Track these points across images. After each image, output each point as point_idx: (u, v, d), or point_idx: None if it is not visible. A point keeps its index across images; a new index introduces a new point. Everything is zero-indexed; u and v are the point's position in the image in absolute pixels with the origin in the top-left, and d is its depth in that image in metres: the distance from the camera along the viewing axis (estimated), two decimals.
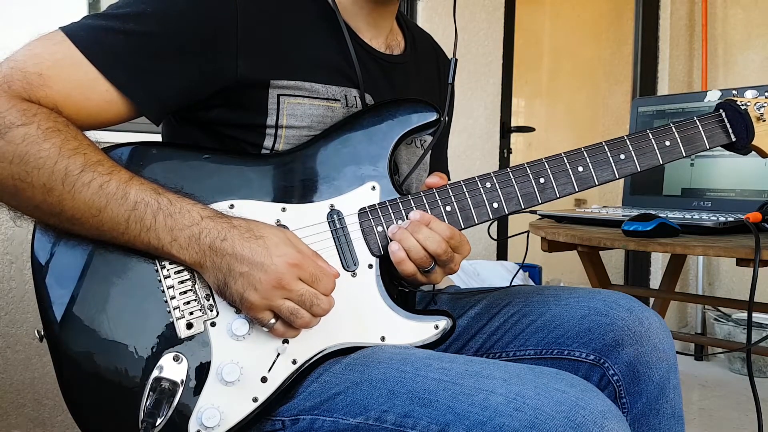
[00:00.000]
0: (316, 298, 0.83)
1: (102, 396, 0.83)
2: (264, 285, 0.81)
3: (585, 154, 0.97)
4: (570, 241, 1.44)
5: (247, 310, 0.83)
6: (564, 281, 3.24)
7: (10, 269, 1.82)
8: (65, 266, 0.84)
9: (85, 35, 0.84)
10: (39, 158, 0.78)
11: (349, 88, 0.98)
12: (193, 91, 0.90)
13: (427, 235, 0.89)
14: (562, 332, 1.00)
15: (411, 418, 0.79)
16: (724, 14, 3.31)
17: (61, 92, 0.82)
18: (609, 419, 0.74)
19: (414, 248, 0.89)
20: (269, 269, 0.81)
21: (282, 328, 0.84)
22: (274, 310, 0.83)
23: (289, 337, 0.86)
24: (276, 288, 0.81)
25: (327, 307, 0.85)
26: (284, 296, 0.82)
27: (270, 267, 0.81)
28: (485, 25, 2.79)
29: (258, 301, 0.82)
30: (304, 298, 0.83)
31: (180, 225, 0.81)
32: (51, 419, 1.88)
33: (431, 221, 0.91)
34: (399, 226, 0.91)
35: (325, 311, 0.85)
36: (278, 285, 0.81)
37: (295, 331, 0.86)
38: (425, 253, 0.89)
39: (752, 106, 1.06)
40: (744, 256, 1.19)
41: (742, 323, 2.99)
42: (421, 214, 0.91)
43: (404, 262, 0.90)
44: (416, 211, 0.92)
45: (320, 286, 0.84)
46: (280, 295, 0.82)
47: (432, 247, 0.89)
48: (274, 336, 0.86)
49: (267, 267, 0.81)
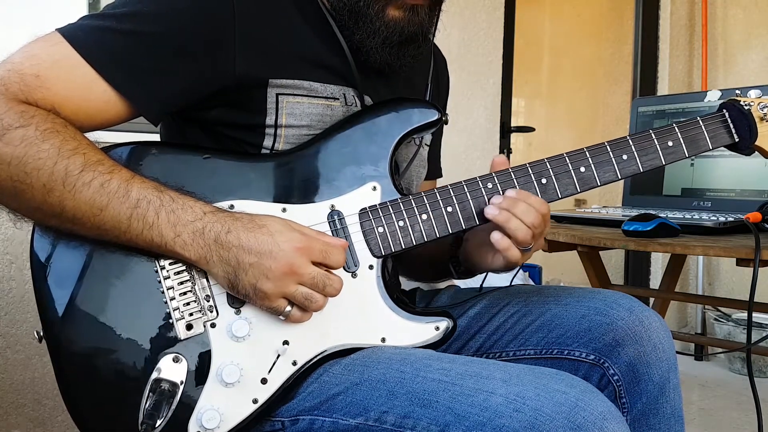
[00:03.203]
0: (328, 279, 0.84)
1: (102, 397, 0.83)
2: (275, 273, 0.81)
3: (587, 155, 0.96)
4: (570, 241, 1.44)
5: (261, 301, 0.83)
6: (564, 281, 3.24)
7: (10, 269, 1.82)
8: (65, 267, 0.83)
9: (83, 36, 0.84)
10: (38, 159, 0.78)
11: (348, 88, 0.97)
12: (191, 90, 0.90)
13: (525, 209, 0.90)
14: (562, 332, 1.00)
15: (411, 418, 0.79)
16: (724, 14, 3.30)
17: (59, 93, 0.82)
18: (609, 420, 0.74)
19: (520, 229, 0.90)
20: (278, 256, 0.81)
21: (299, 313, 0.85)
22: (288, 297, 0.83)
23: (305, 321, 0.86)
24: (288, 274, 0.82)
25: (339, 286, 0.85)
26: (297, 281, 0.82)
27: (279, 254, 0.81)
28: (485, 25, 2.79)
29: (272, 289, 0.82)
30: (317, 281, 0.83)
31: (183, 221, 0.81)
32: (51, 419, 1.88)
33: (527, 197, 0.92)
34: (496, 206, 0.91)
35: (338, 291, 0.85)
36: (290, 271, 0.81)
37: (309, 315, 0.86)
38: (527, 228, 0.90)
39: (756, 106, 1.05)
40: (744, 256, 1.19)
41: (742, 323, 2.99)
42: (517, 191, 0.93)
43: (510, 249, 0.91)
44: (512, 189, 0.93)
45: (332, 259, 0.84)
46: (293, 281, 0.82)
47: (530, 219, 0.90)
48: (275, 332, 0.85)
49: (275, 254, 0.81)
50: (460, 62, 2.69)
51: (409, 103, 0.96)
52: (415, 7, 0.95)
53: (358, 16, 0.95)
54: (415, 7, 0.95)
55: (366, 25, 0.95)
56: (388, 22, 0.95)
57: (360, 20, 0.95)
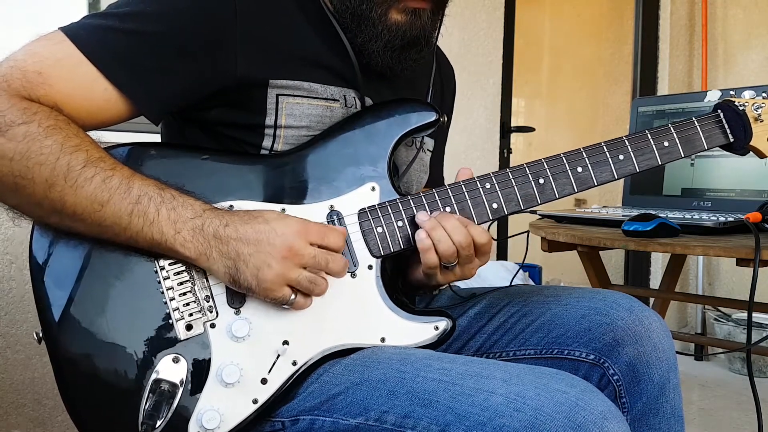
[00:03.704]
0: (330, 255, 0.84)
1: (101, 398, 0.83)
2: (275, 258, 0.81)
3: (584, 155, 0.97)
4: (570, 241, 1.44)
5: (265, 292, 0.83)
6: (564, 281, 3.24)
7: (10, 269, 1.82)
8: (64, 267, 0.83)
9: (85, 35, 0.84)
10: (41, 155, 0.78)
11: (348, 89, 0.97)
12: (192, 90, 0.90)
13: (455, 225, 0.90)
14: (562, 332, 1.00)
15: (411, 418, 0.79)
16: (724, 14, 3.30)
17: (61, 91, 0.82)
18: (609, 420, 0.74)
19: (443, 239, 0.89)
20: (276, 241, 0.81)
21: (302, 300, 0.85)
22: (292, 284, 0.83)
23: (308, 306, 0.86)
24: (287, 257, 0.82)
25: (342, 262, 0.85)
26: (298, 263, 0.82)
27: (277, 239, 0.81)
28: (485, 25, 2.79)
29: (274, 277, 0.82)
30: (318, 259, 0.83)
31: (183, 218, 0.81)
32: (51, 419, 1.88)
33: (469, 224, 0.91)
34: (429, 214, 0.91)
35: (342, 267, 0.86)
36: (289, 253, 0.82)
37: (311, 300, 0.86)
38: (452, 245, 0.89)
39: (750, 107, 1.06)
40: (744, 256, 1.19)
41: (742, 323, 2.99)
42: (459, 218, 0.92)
43: (430, 251, 0.90)
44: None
45: (330, 240, 0.85)
46: (295, 264, 0.82)
47: (458, 238, 0.89)
48: (275, 332, 0.85)
49: (274, 240, 0.81)
50: (460, 62, 2.69)
51: (408, 104, 0.96)
52: (417, 10, 0.95)
53: (361, 19, 0.95)
54: (417, 11, 0.95)
55: (368, 29, 0.95)
56: (390, 25, 0.95)
57: (362, 23, 0.95)
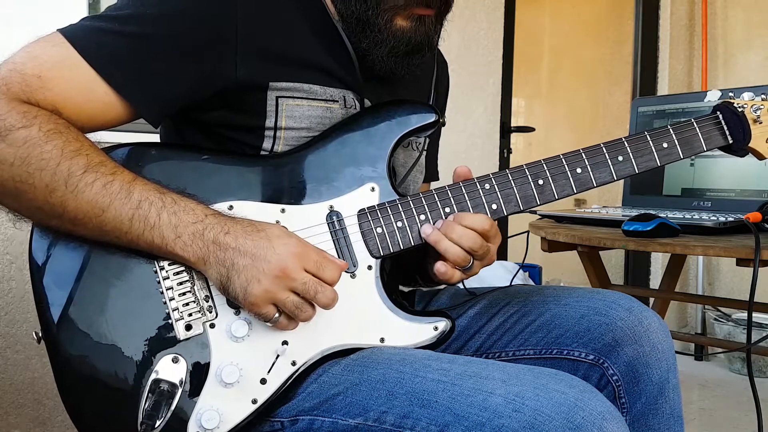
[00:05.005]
0: (321, 286, 0.82)
1: (101, 398, 0.83)
2: (267, 275, 0.80)
3: (583, 156, 0.97)
4: (570, 241, 1.44)
5: (250, 306, 0.82)
6: (564, 281, 3.24)
7: (10, 269, 1.82)
8: (63, 268, 0.83)
9: (84, 37, 0.84)
10: (41, 160, 0.78)
11: (348, 90, 0.97)
12: (191, 93, 0.90)
13: (461, 233, 0.89)
14: (562, 332, 1.00)
15: (410, 418, 0.79)
16: (724, 14, 3.30)
17: (61, 94, 0.82)
18: (608, 420, 0.74)
19: (450, 249, 0.89)
20: (272, 259, 0.81)
21: (286, 321, 0.84)
22: (278, 304, 0.82)
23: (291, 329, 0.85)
24: (279, 277, 0.81)
25: (331, 296, 0.84)
26: (288, 286, 0.81)
27: (273, 257, 0.81)
28: (485, 25, 2.79)
29: (261, 293, 0.81)
30: (308, 287, 0.82)
31: (184, 222, 0.81)
32: (51, 419, 1.88)
33: (463, 218, 0.91)
34: (432, 226, 0.91)
35: (330, 300, 0.84)
36: (281, 274, 0.81)
37: (296, 323, 0.85)
38: (462, 252, 0.89)
39: (749, 108, 1.06)
40: (744, 256, 1.19)
41: (742, 323, 2.99)
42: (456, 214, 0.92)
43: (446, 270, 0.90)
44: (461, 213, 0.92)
45: (325, 273, 0.83)
46: (284, 286, 0.81)
47: (468, 244, 0.89)
48: (274, 332, 0.86)
49: (270, 257, 0.81)
50: (460, 62, 2.69)
51: (407, 105, 0.96)
52: (422, 17, 0.95)
53: (366, 24, 0.94)
54: (422, 18, 0.95)
55: (373, 35, 0.94)
56: (395, 32, 0.94)
57: (367, 29, 0.94)
